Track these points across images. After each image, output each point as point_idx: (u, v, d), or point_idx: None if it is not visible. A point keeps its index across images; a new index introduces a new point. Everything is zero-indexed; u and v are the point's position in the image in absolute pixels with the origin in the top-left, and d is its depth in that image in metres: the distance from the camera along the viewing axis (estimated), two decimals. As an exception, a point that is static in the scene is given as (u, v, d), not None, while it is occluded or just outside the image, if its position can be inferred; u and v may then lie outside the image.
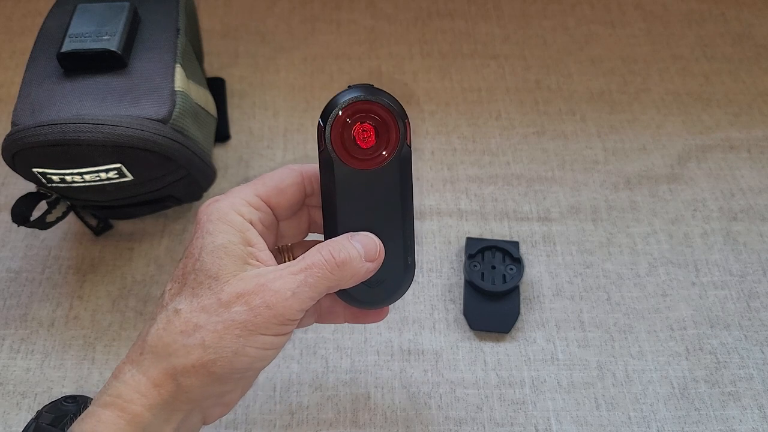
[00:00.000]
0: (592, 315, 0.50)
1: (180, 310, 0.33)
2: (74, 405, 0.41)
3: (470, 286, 0.50)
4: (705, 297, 0.51)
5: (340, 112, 0.34)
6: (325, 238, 0.36)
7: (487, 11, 0.72)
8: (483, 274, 0.50)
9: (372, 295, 0.37)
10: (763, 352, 0.48)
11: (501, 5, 0.72)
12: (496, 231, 0.55)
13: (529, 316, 0.50)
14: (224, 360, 0.32)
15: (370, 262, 0.35)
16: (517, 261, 0.51)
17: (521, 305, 0.50)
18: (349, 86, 0.35)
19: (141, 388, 0.32)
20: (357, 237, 0.35)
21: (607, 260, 0.53)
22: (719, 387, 0.47)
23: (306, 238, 0.41)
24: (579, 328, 0.50)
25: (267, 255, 0.35)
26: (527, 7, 0.72)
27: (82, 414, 0.33)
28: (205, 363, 0.32)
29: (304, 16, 0.71)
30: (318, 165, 0.36)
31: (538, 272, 0.52)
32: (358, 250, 0.35)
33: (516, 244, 0.52)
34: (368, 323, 0.43)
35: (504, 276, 0.50)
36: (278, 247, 0.40)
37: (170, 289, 0.34)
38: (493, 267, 0.51)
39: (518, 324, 0.50)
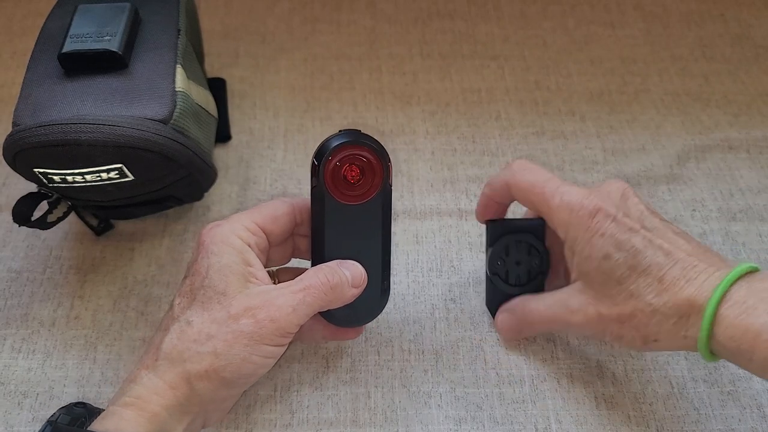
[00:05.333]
0: (591, 315, 0.50)
1: (192, 321, 0.37)
2: (84, 410, 0.42)
3: (492, 281, 0.48)
4: (704, 297, 0.51)
5: (333, 154, 0.39)
6: (312, 264, 0.41)
7: (487, 12, 0.72)
8: (507, 271, 0.47)
9: (350, 315, 0.42)
10: (762, 352, 0.49)
11: (501, 6, 0.72)
12: (496, 231, 0.55)
13: (528, 315, 0.50)
14: (233, 366, 0.36)
15: (355, 288, 0.40)
16: (542, 253, 0.47)
17: None
18: (340, 131, 0.40)
19: (159, 390, 0.36)
20: (346, 264, 0.40)
21: (607, 260, 0.53)
22: (718, 387, 0.47)
23: (288, 265, 0.45)
24: (578, 327, 0.50)
25: (264, 274, 0.40)
26: (527, 7, 0.72)
27: (103, 413, 0.36)
28: (216, 368, 0.36)
29: (304, 16, 0.71)
30: (307, 198, 0.41)
31: (538, 272, 0.52)
32: (347, 276, 0.40)
33: (541, 228, 0.47)
34: (344, 340, 0.47)
35: (529, 272, 0.47)
36: (267, 271, 0.43)
37: (179, 303, 0.39)
38: (518, 263, 0.47)
39: (518, 324, 0.50)
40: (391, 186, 0.40)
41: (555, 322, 0.43)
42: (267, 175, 0.58)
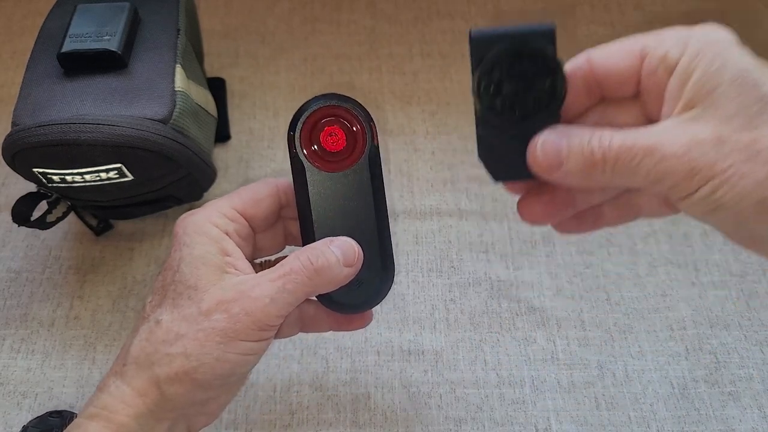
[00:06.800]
0: (592, 315, 0.50)
1: (161, 320, 0.33)
2: (59, 419, 0.42)
3: (486, 119, 0.31)
4: (705, 297, 0.51)
5: (308, 118, 0.36)
6: (303, 245, 0.37)
7: (487, 12, 0.72)
8: (504, 100, 0.31)
9: (353, 299, 0.37)
10: (762, 352, 0.49)
11: (501, 6, 0.72)
12: (496, 231, 0.55)
13: (529, 315, 0.50)
14: (206, 367, 0.33)
15: (348, 266, 0.35)
16: (555, 68, 0.32)
17: None
18: (315, 96, 0.36)
19: (126, 398, 0.33)
20: (336, 242, 0.35)
21: (607, 260, 0.53)
22: (719, 387, 0.47)
23: (284, 252, 0.41)
24: (579, 327, 0.50)
25: (245, 264, 0.36)
26: (527, 7, 0.72)
27: (68, 427, 0.33)
28: (187, 370, 0.32)
29: (304, 16, 0.71)
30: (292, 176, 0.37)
31: (538, 273, 0.52)
32: (337, 256, 0.35)
33: (550, 34, 0.32)
34: (352, 330, 0.43)
35: (536, 98, 0.31)
36: (260, 262, 0.40)
37: (151, 301, 0.35)
38: (519, 86, 0.31)
39: (518, 323, 0.50)
40: (377, 147, 0.36)
41: (635, 152, 0.28)
42: (267, 175, 0.58)
